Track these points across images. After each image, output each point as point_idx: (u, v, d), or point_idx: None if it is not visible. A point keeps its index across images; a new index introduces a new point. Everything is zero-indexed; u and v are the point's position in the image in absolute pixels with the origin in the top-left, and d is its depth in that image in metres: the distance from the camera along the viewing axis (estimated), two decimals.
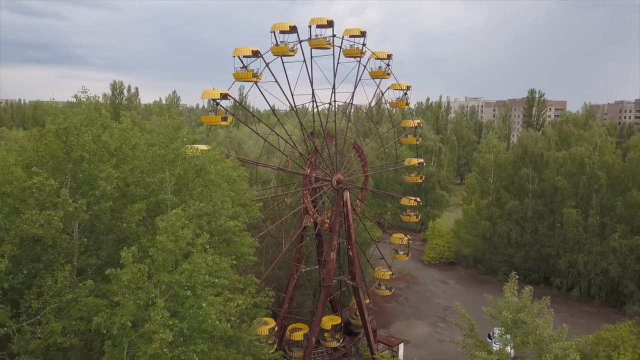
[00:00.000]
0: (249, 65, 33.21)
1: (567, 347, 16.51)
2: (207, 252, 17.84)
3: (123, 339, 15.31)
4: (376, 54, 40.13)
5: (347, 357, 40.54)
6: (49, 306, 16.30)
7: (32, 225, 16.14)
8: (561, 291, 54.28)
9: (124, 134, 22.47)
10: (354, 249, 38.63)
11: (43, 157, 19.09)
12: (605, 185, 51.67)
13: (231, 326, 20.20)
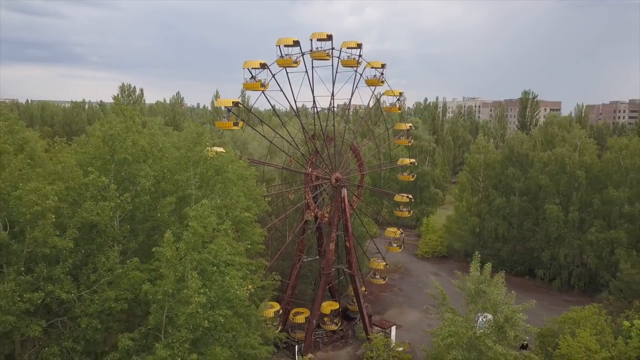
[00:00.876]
0: (257, 76, 37.25)
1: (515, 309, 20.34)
2: (228, 236, 21.87)
3: (165, 303, 19.28)
4: (371, 64, 44.13)
5: (345, 339, 44.58)
6: (103, 279, 20.29)
7: (90, 214, 20.11)
8: (544, 282, 58.36)
9: (153, 139, 26.46)
10: (351, 240, 42.71)
11: (92, 158, 23.10)
12: (584, 183, 55.66)
13: (240, 308, 24.35)
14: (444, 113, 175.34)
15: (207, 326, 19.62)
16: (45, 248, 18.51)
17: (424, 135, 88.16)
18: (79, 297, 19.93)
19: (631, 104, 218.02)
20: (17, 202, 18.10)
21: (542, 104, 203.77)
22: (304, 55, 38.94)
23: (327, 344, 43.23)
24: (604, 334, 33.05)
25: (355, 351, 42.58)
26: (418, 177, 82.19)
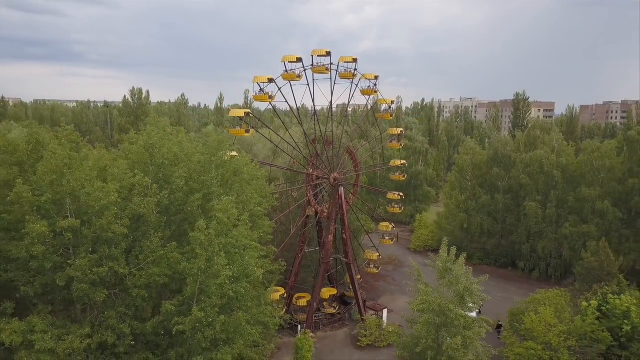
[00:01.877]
0: (265, 88, 42.67)
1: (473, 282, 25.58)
2: (246, 225, 27.25)
3: (198, 277, 24.62)
4: (365, 76, 49.55)
5: (342, 321, 50.04)
6: (148, 258, 25.65)
7: (138, 207, 25.43)
8: (524, 272, 63.73)
9: (181, 146, 31.83)
10: (348, 233, 48.16)
11: (136, 162, 28.46)
12: (561, 182, 60.97)
13: (254, 286, 29.77)
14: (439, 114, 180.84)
15: (232, 295, 25.02)
16: (108, 233, 23.85)
17: (417, 137, 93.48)
18: (130, 273, 25.28)
19: (623, 105, 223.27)
20: (87, 198, 23.44)
21: (536, 105, 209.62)
22: (306, 70, 44.31)
23: (326, 325, 48.70)
24: (563, 312, 38.51)
25: (351, 331, 48.03)
26: (412, 176, 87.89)
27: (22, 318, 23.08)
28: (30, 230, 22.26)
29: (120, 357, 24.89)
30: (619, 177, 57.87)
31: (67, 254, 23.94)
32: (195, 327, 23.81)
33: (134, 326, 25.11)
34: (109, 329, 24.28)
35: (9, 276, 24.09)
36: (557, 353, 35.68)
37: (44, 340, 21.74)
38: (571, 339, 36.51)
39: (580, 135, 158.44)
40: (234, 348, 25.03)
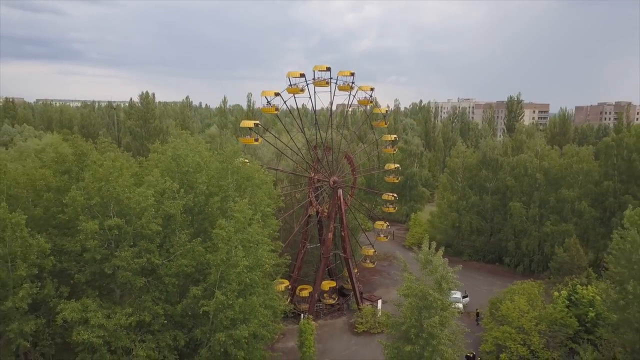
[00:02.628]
0: (272, 101, 47.62)
1: (449, 270, 30.49)
2: (258, 223, 32.20)
3: (220, 267, 29.52)
4: (362, 88, 54.46)
5: (340, 311, 55.05)
6: (177, 252, 30.60)
7: (169, 208, 30.36)
8: (510, 268, 68.66)
9: (200, 155, 36.78)
10: (346, 231, 53.15)
11: (163, 170, 33.40)
12: (543, 184, 65.90)
13: (264, 275, 34.70)
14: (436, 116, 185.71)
15: (248, 282, 29.98)
16: (146, 230, 28.78)
17: (413, 139, 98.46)
18: (162, 264, 30.24)
19: (616, 106, 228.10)
20: (129, 201, 28.38)
21: (531, 106, 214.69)
22: (308, 85, 49.28)
23: (326, 314, 53.71)
24: (535, 300, 43.54)
25: (349, 320, 53.05)
26: (407, 177, 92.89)
27: (75, 300, 28.01)
28: (84, 228, 27.19)
29: (155, 334, 29.83)
30: (596, 179, 62.82)
31: (112, 248, 28.87)
32: (217, 308, 28.74)
33: (165, 308, 30.10)
34: (146, 310, 29.23)
35: (63, 266, 29.00)
36: (529, 336, 40.68)
37: (96, 318, 26.67)
38: (542, 324, 41.51)
39: (574, 137, 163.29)
40: (249, 326, 29.95)
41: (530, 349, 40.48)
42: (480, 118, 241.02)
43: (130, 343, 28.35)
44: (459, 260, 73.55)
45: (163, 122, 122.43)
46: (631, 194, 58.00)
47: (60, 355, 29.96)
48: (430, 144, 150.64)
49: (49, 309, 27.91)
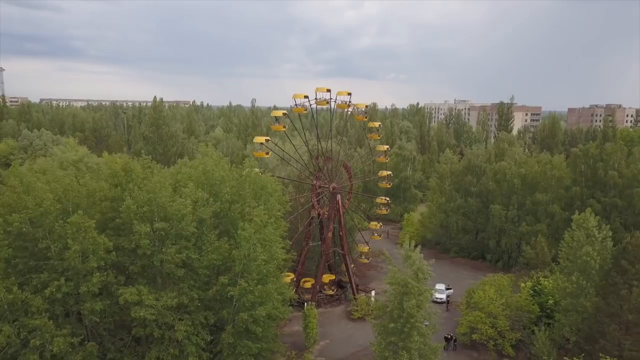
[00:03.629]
0: (280, 120, 55.34)
1: (424, 264, 38.00)
2: (272, 225, 39.92)
3: (242, 260, 37.19)
4: (358, 105, 62.22)
5: (339, 301, 62.86)
6: (208, 248, 38.31)
7: (201, 214, 38.04)
8: (491, 263, 76.48)
9: (223, 168, 44.48)
10: (343, 230, 60.92)
11: (197, 182, 41.09)
12: (520, 188, 73.69)
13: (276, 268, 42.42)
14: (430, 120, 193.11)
15: (264, 273, 37.73)
16: (185, 232, 36.49)
17: (406, 145, 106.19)
18: (196, 258, 37.94)
19: (607, 109, 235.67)
20: (171, 209, 36.06)
21: (523, 109, 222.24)
22: (311, 105, 57.04)
23: (326, 303, 61.54)
24: (503, 290, 51.35)
25: (346, 308, 60.88)
26: (401, 180, 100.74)
27: (131, 287, 35.68)
28: (137, 230, 34.88)
29: (191, 314, 37.55)
30: (566, 185, 70.60)
31: (158, 245, 36.57)
32: (241, 293, 36.45)
33: (199, 293, 37.82)
34: (184, 295, 36.95)
35: (119, 260, 36.69)
36: (497, 319, 48.55)
37: (149, 300, 34.36)
38: (508, 310, 49.37)
39: (564, 140, 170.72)
40: (266, 308, 37.67)
41: (497, 330, 48.35)
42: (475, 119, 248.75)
43: (173, 320, 36.06)
44: (446, 257, 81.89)
45: (172, 127, 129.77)
46: (595, 198, 65.81)
47: (116, 330, 37.71)
48: (425, 147, 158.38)
49: (110, 293, 35.57)
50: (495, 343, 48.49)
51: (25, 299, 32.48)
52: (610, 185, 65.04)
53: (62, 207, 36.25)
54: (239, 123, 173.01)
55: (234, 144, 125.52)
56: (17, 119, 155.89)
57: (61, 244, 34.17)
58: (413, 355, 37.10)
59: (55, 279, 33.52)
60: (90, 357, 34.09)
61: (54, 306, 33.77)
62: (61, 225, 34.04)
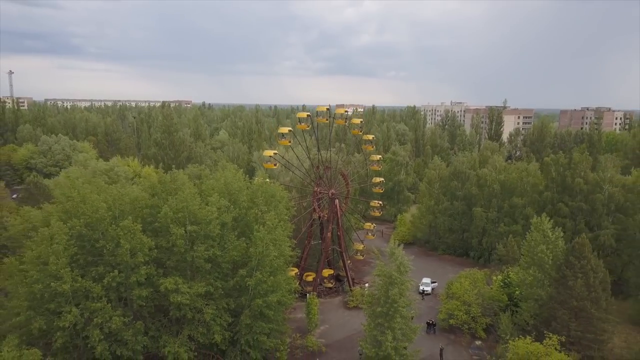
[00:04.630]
0: (286, 136, 63.96)
1: (405, 259, 46.55)
2: (281, 227, 48.58)
3: (257, 256, 45.77)
4: (354, 121, 70.84)
5: (337, 292, 71.56)
6: (230, 246, 46.92)
7: (224, 219, 46.62)
8: (474, 260, 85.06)
9: (240, 179, 53.11)
10: (341, 231, 69.59)
11: (217, 192, 49.69)
12: (499, 193, 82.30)
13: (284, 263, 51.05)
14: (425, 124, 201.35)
15: (275, 266, 46.39)
16: (211, 233, 45.07)
17: (400, 151, 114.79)
18: (220, 254, 46.55)
19: (597, 112, 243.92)
20: (201, 215, 44.62)
21: (515, 112, 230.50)
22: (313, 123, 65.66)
23: (326, 295, 70.22)
24: (478, 282, 60.04)
25: (343, 299, 69.54)
26: (395, 183, 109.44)
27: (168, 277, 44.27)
28: (174, 232, 43.47)
29: (215, 300, 46.17)
30: (539, 190, 79.20)
31: (189, 244, 45.18)
32: (256, 282, 45.04)
33: (222, 283, 46.47)
34: (210, 284, 45.57)
35: (158, 256, 45.28)
36: (471, 307, 57.24)
37: (184, 288, 42.98)
38: (481, 299, 58.07)
39: (553, 142, 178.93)
40: (276, 295, 46.30)
41: (471, 316, 57.07)
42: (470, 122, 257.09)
43: (201, 305, 44.69)
44: (434, 254, 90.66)
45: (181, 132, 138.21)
46: (564, 202, 74.35)
47: (156, 313, 46.34)
48: (419, 150, 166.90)
49: (152, 283, 44.16)
50: (469, 327, 57.30)
51: (87, 287, 41.13)
52: (577, 190, 73.55)
53: (112, 214, 44.88)
54: (242, 127, 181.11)
55: (239, 148, 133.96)
56: (33, 124, 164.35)
57: (113, 243, 42.79)
58: (396, 333, 45.86)
59: (109, 271, 42.22)
60: (137, 333, 42.78)
61: (109, 293, 42.44)
62: (114, 229, 42.70)
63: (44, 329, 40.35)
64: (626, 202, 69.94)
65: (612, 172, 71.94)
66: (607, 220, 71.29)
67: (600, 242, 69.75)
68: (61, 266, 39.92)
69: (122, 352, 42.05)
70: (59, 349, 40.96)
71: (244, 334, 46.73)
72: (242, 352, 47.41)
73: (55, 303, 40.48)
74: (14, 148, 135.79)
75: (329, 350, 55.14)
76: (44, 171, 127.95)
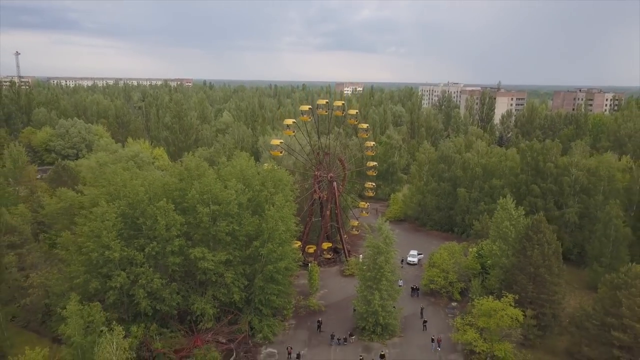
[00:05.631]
0: (290, 126, 73.04)
1: (390, 232, 55.96)
2: (287, 207, 58.23)
3: (268, 231, 55.41)
4: (350, 112, 79.85)
5: (335, 263, 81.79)
6: (245, 222, 56.57)
7: (241, 199, 56.12)
8: (457, 234, 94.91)
9: (252, 165, 62.55)
10: (338, 209, 79.36)
11: (234, 177, 59.12)
12: (481, 175, 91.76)
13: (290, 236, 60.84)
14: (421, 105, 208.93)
15: (284, 239, 56.18)
16: (231, 212, 54.62)
17: (394, 135, 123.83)
18: (237, 229, 56.24)
19: (588, 93, 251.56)
20: (222, 196, 54.12)
21: (509, 94, 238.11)
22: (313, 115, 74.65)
23: (325, 265, 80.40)
24: (455, 254, 70.04)
25: (340, 268, 79.77)
26: (389, 165, 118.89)
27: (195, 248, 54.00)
28: (201, 211, 53.06)
29: (234, 266, 56.07)
30: (516, 173, 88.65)
31: (212, 221, 54.84)
32: (268, 252, 54.86)
33: (239, 253, 56.34)
34: (230, 254, 55.40)
35: (187, 230, 54.99)
36: (448, 274, 67.36)
37: (209, 256, 52.79)
38: (457, 267, 68.16)
39: (543, 124, 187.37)
40: (284, 262, 56.18)
41: (448, 281, 67.24)
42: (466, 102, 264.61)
43: (223, 270, 54.62)
44: (423, 230, 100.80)
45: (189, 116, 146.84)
46: (536, 183, 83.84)
47: (185, 277, 56.30)
48: (414, 132, 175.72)
49: (183, 252, 53.90)
50: (447, 291, 67.56)
51: (132, 255, 50.95)
52: (548, 173, 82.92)
53: (148, 196, 54.42)
54: (245, 109, 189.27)
55: (244, 131, 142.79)
56: (47, 106, 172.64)
57: (151, 220, 52.41)
58: (383, 294, 56.00)
59: (148, 243, 51.98)
60: (172, 293, 52.86)
61: (149, 260, 52.30)
62: (151, 208, 52.29)
63: (98, 289, 50.33)
64: (589, 184, 79.40)
65: (578, 158, 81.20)
66: (572, 200, 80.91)
67: (566, 219, 79.65)
68: (111, 239, 49.67)
69: (160, 307, 52.23)
70: (110, 305, 51.02)
71: (258, 294, 56.91)
72: (255, 310, 57.70)
73: (107, 268, 50.39)
74: (33, 131, 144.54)
75: (328, 309, 65.48)
76: (62, 153, 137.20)
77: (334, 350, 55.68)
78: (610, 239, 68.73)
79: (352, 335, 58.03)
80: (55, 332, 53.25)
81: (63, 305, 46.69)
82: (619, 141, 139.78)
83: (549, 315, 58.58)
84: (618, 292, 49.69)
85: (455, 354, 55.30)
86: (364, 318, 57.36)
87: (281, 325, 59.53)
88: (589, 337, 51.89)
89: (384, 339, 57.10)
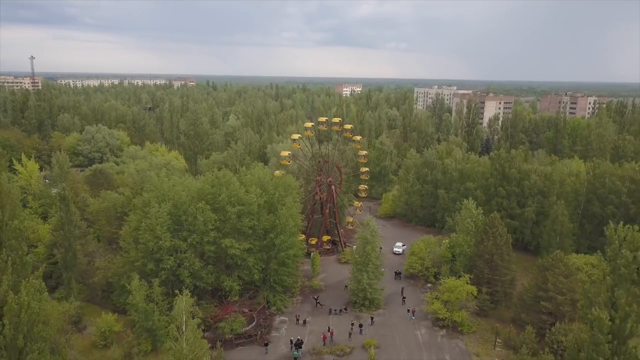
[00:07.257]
0: (296, 140, 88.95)
1: (376, 227, 71.44)
2: (295, 206, 74.21)
3: (280, 225, 71.26)
4: (346, 127, 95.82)
5: (333, 252, 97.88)
6: (262, 219, 72.49)
7: (259, 200, 71.95)
8: (437, 229, 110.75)
9: (266, 174, 78.55)
10: (336, 208, 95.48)
11: (254, 184, 74.99)
12: (458, 179, 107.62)
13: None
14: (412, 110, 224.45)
15: (292, 231, 72.16)
16: (252, 211, 70.43)
17: (386, 141, 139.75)
18: (257, 224, 72.13)
19: (572, 97, 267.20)
20: (246, 199, 69.95)
21: (497, 99, 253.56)
22: (315, 131, 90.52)
23: (325, 254, 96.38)
24: (430, 244, 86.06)
25: (337, 257, 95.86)
26: (382, 168, 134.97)
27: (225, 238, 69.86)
28: (229, 210, 68.99)
29: (254, 253, 72.03)
30: (486, 177, 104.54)
31: (239, 217, 70.73)
32: (281, 242, 70.81)
33: (259, 243, 72.33)
34: (251, 243, 71.36)
35: (219, 225, 70.81)
36: (424, 261, 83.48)
37: (235, 245, 68.74)
38: (432, 255, 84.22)
39: (527, 127, 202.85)
40: (293, 250, 72.18)
41: (425, 267, 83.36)
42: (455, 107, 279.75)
43: (246, 256, 70.61)
44: (409, 225, 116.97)
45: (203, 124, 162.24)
46: (502, 187, 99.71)
47: (216, 262, 72.21)
48: (407, 136, 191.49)
49: (216, 242, 69.70)
50: (423, 274, 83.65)
51: (178, 244, 66.90)
52: (512, 178, 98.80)
53: (189, 199, 70.41)
54: (251, 113, 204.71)
55: (252, 136, 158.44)
56: (70, 112, 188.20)
57: (192, 217, 68.31)
58: (370, 274, 72.14)
59: (190, 235, 67.98)
60: (208, 273, 68.92)
61: (190, 248, 68.29)
62: (192, 209, 68.20)
63: (153, 270, 66.28)
64: (544, 187, 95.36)
65: (537, 165, 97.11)
66: (532, 200, 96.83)
67: (526, 217, 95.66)
68: (163, 232, 65.65)
69: (199, 284, 68.30)
70: (163, 282, 67.01)
71: (272, 275, 73.04)
72: (270, 287, 73.82)
73: (159, 254, 66.35)
74: (61, 136, 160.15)
75: (327, 289, 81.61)
76: (88, 156, 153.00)
77: (332, 318, 71.75)
78: (557, 233, 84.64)
79: (346, 308, 74.12)
80: (116, 304, 69.55)
81: (124, 283, 62.79)
82: (590, 145, 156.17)
83: (500, 292, 74.63)
84: (547, 272, 65.78)
85: (426, 321, 71.36)
86: (355, 294, 73.44)
87: (290, 299, 75.64)
88: (525, 307, 68.04)
89: (371, 310, 73.20)
